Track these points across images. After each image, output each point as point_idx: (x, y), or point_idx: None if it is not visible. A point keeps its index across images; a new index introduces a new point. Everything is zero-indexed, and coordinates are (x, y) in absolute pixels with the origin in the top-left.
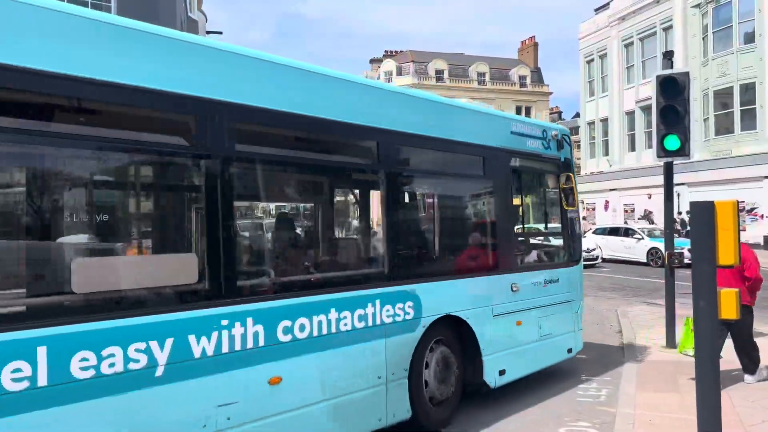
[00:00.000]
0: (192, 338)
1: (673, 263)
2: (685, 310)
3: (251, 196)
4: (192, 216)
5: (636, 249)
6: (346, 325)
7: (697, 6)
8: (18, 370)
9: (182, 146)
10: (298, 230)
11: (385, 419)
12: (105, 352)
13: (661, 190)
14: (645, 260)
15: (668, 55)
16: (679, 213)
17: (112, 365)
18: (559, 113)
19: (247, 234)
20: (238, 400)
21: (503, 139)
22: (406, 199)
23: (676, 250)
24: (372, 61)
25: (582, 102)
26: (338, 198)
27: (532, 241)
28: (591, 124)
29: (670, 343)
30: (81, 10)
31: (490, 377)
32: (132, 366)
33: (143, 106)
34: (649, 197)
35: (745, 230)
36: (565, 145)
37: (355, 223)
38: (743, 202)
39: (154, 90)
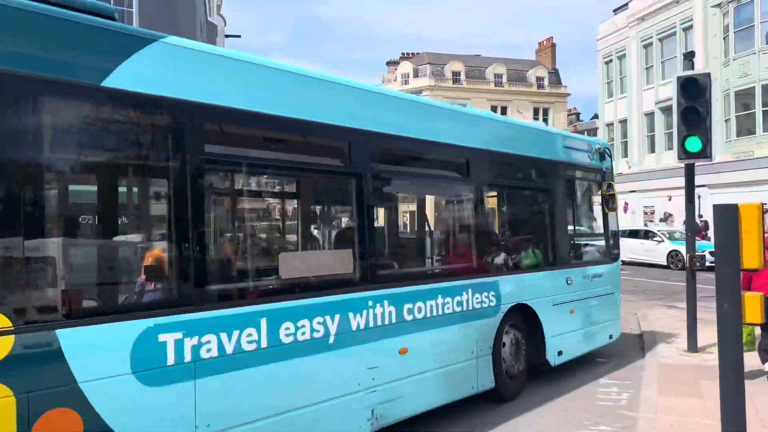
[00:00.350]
0: (350, 315)
1: (695, 266)
2: (706, 313)
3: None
4: (346, 221)
5: (656, 251)
6: (449, 308)
7: (718, 6)
8: (250, 335)
9: (338, 166)
10: (416, 232)
11: (476, 387)
12: (299, 324)
13: (682, 192)
14: (665, 263)
15: (689, 56)
16: (700, 216)
17: (303, 333)
18: (577, 114)
19: (384, 235)
20: (380, 365)
21: (560, 153)
22: (496, 208)
23: (697, 253)
24: (389, 63)
25: (600, 103)
26: (442, 208)
27: (581, 241)
28: (609, 125)
29: (692, 347)
30: (287, 66)
31: (551, 357)
32: (315, 335)
33: (315, 136)
34: (669, 199)
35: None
36: (606, 156)
37: (454, 226)
38: (766, 204)
39: (322, 123)
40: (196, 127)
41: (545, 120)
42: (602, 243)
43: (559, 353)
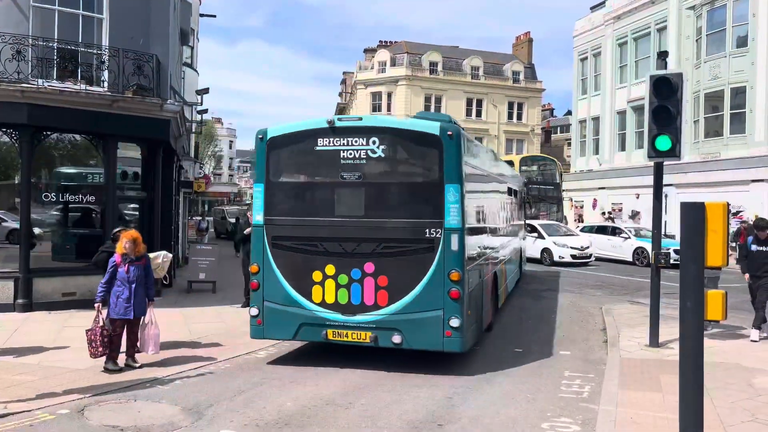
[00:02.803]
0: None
1: (660, 263)
2: (669, 309)
3: None
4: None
5: (623, 248)
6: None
7: (692, 8)
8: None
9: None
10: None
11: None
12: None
13: (650, 191)
14: (631, 259)
15: (662, 56)
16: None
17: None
18: (551, 110)
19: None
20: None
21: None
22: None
23: (662, 250)
24: (366, 50)
25: (574, 100)
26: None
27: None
28: (582, 122)
29: (654, 341)
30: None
31: None
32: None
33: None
34: (637, 197)
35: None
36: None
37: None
38: (729, 204)
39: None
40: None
41: (519, 114)
42: None
43: None
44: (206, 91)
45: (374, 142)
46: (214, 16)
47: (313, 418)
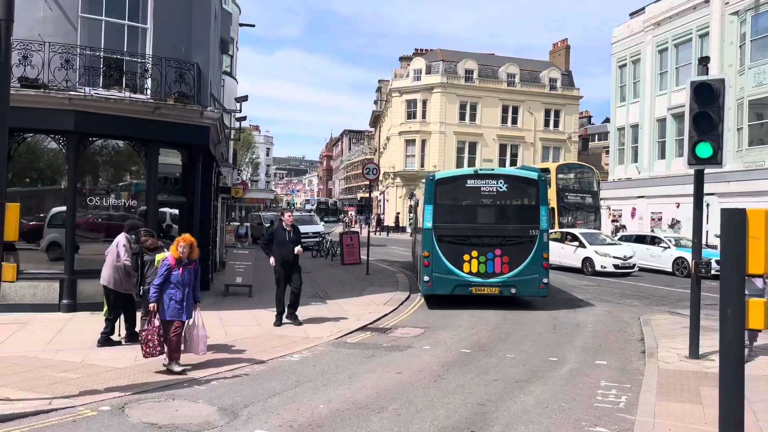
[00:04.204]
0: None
1: (700, 273)
2: (710, 321)
3: None
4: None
5: (662, 258)
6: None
7: (736, 13)
8: None
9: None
10: None
11: None
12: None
13: (690, 200)
14: (671, 269)
15: (704, 61)
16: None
17: None
18: (589, 117)
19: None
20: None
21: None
22: None
23: (703, 260)
24: (402, 58)
25: (612, 107)
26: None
27: None
28: (621, 129)
29: (694, 353)
30: None
31: None
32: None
33: None
34: (677, 206)
35: None
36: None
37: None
38: None
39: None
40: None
41: (556, 122)
42: None
43: None
44: (245, 98)
45: (501, 182)
46: (253, 26)
47: (346, 422)
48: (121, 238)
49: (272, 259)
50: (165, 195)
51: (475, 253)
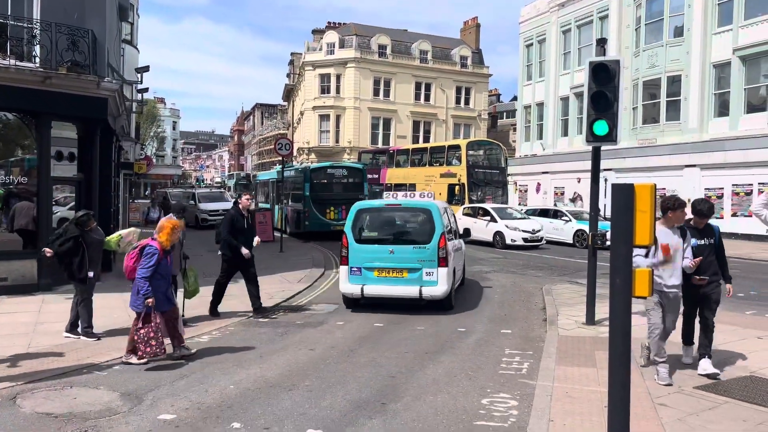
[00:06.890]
0: None
1: (596, 244)
2: (605, 289)
3: None
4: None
5: (564, 230)
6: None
7: None
8: None
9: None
10: None
11: None
12: None
13: (589, 175)
14: (572, 241)
15: (601, 42)
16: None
17: None
18: (498, 95)
19: None
20: None
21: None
22: None
23: (599, 232)
24: (314, 32)
25: (520, 86)
26: None
27: None
28: (527, 107)
29: (590, 320)
30: None
31: None
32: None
33: None
34: (579, 181)
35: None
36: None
37: None
38: (664, 188)
39: None
40: None
41: (467, 99)
42: None
43: None
44: (146, 69)
45: (344, 170)
46: None
47: (256, 401)
48: None
49: (245, 250)
50: (60, 171)
51: (332, 209)
